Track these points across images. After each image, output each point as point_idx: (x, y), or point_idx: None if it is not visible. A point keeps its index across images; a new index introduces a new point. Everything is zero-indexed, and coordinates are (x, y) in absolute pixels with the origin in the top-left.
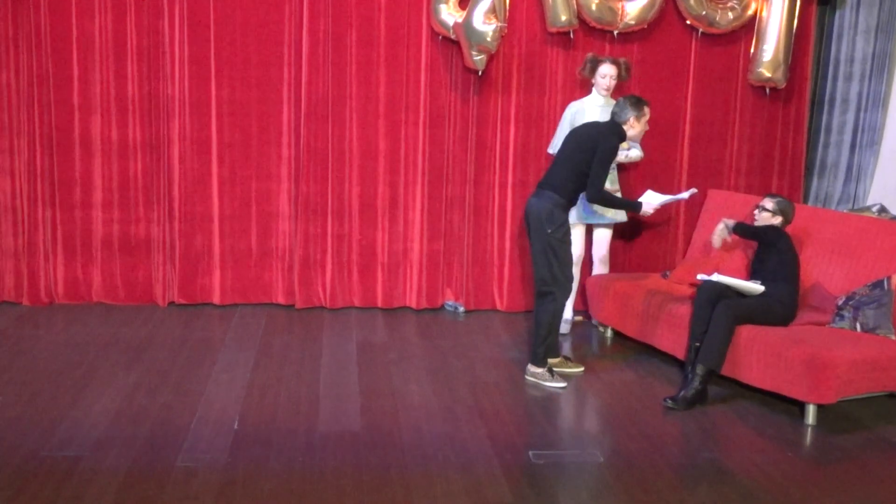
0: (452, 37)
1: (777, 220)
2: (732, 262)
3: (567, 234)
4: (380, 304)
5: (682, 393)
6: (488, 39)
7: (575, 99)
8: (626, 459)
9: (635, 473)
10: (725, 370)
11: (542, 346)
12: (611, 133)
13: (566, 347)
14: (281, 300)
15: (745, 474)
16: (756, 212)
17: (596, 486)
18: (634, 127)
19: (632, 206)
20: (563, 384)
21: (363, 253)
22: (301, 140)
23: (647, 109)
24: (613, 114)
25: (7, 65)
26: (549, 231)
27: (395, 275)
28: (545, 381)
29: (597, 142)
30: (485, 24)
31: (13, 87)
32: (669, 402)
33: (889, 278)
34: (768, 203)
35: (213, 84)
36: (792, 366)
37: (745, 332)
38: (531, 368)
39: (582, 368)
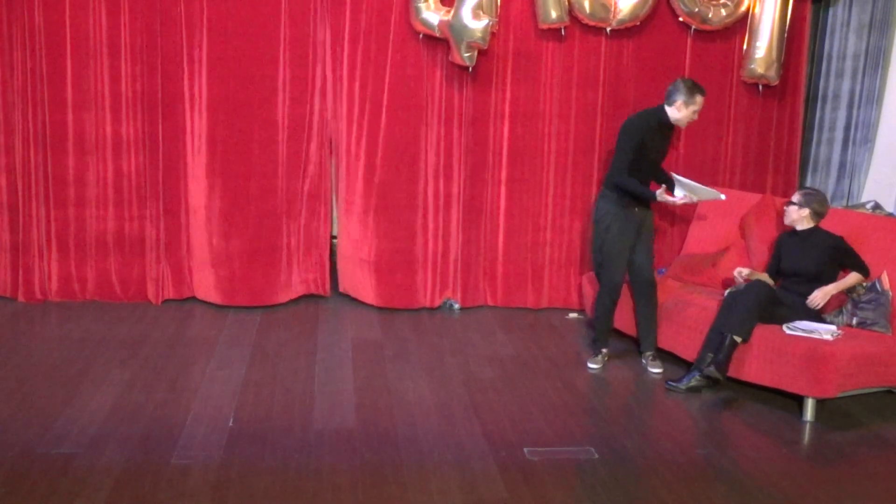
0: (438, 34)
1: (804, 213)
2: (730, 259)
3: (610, 227)
4: (375, 301)
5: (710, 367)
6: (479, 36)
7: (572, 96)
8: (621, 456)
9: (630, 470)
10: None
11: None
12: (638, 118)
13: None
14: (276, 297)
15: (741, 471)
16: (785, 207)
17: (591, 483)
18: (680, 111)
19: (648, 196)
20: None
21: (360, 251)
22: (297, 137)
23: (699, 98)
24: (665, 93)
25: (0, 61)
26: (594, 221)
27: (391, 272)
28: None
29: (622, 129)
30: (475, 21)
31: (7, 84)
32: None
33: (879, 279)
34: (795, 196)
35: (207, 81)
36: (792, 360)
37: None
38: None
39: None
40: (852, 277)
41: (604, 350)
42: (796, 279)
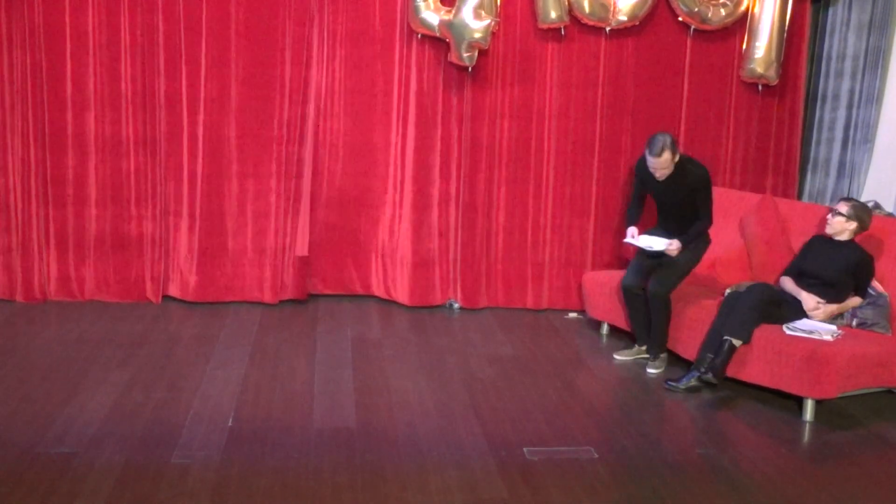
0: (437, 34)
1: (852, 226)
2: (729, 259)
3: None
4: (374, 300)
5: (707, 374)
6: (479, 36)
7: (571, 96)
8: (620, 455)
9: (630, 469)
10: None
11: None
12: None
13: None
14: (276, 297)
15: (741, 471)
16: (829, 216)
17: (590, 482)
18: None
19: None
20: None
21: (358, 250)
22: (296, 137)
23: (647, 153)
24: None
25: (0, 60)
26: None
27: (390, 272)
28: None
29: None
30: (476, 21)
31: (6, 83)
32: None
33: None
34: (843, 207)
35: (207, 80)
36: (792, 361)
37: None
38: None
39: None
40: (853, 301)
41: (636, 346)
42: (811, 281)
